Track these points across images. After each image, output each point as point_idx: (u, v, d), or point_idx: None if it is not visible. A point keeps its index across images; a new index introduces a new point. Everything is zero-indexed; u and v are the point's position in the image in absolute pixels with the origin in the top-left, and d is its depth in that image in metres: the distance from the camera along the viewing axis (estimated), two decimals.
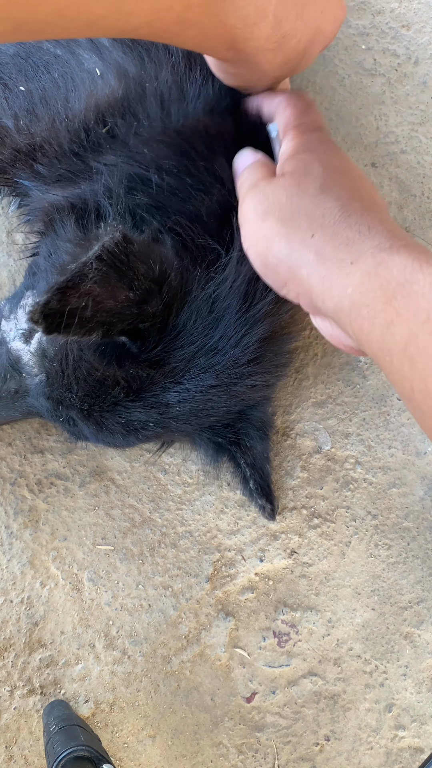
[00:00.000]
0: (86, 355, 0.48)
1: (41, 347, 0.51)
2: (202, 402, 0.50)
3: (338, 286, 0.35)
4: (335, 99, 0.73)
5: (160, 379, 0.48)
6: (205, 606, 0.70)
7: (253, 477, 0.64)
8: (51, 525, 0.69)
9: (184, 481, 0.70)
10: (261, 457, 0.64)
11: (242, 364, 0.49)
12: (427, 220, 0.73)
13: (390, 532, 0.71)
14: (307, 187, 0.38)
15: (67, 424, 0.52)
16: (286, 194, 0.39)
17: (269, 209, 0.39)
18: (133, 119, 0.49)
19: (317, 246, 0.36)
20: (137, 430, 0.51)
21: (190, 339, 0.47)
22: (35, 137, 0.51)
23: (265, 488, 0.65)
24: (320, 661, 0.71)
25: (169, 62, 0.49)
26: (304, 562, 0.70)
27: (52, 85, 0.51)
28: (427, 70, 0.73)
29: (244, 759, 0.70)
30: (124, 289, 0.41)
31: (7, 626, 0.68)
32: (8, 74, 0.52)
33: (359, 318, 0.34)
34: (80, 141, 0.50)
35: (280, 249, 0.38)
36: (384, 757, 0.71)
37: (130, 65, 0.49)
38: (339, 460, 0.71)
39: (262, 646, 0.70)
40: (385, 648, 0.71)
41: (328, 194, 0.38)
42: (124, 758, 0.69)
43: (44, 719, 0.66)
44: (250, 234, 0.40)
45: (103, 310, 0.41)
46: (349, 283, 0.34)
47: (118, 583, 0.69)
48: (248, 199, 0.41)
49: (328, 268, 0.35)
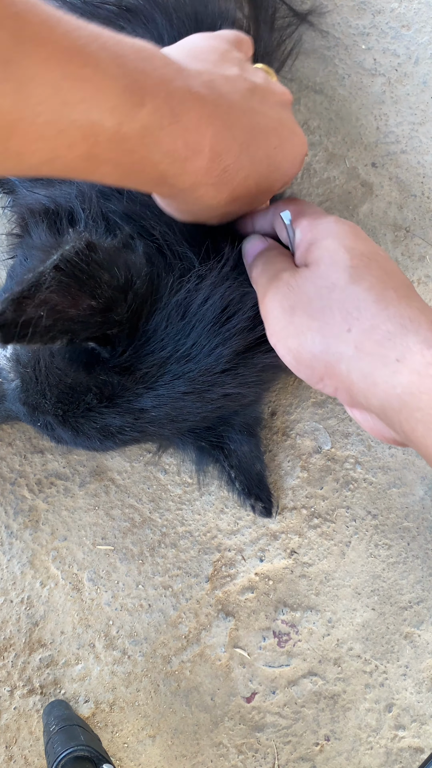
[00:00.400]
0: (57, 362, 0.48)
1: (16, 353, 0.51)
2: (176, 408, 0.50)
3: (384, 384, 0.33)
4: (335, 99, 0.73)
5: (132, 385, 0.47)
6: (205, 606, 0.70)
7: (238, 478, 0.64)
8: (51, 525, 0.69)
9: (184, 481, 0.70)
10: (248, 458, 0.63)
11: (215, 373, 0.48)
12: (427, 220, 0.73)
13: (390, 532, 0.71)
14: (336, 278, 0.36)
15: (45, 429, 0.52)
16: (314, 287, 0.37)
17: (297, 304, 0.37)
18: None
19: (356, 340, 0.34)
20: (114, 434, 0.50)
21: (161, 344, 0.46)
22: None
23: (253, 488, 0.65)
24: (320, 661, 0.71)
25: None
26: (304, 562, 0.71)
27: None
28: (427, 70, 0.73)
29: (244, 759, 0.70)
30: (87, 297, 0.41)
31: (7, 626, 0.68)
32: None
33: (411, 420, 0.32)
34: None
35: (315, 345, 0.36)
36: (384, 757, 0.71)
37: None
38: (339, 460, 0.71)
39: (262, 646, 0.70)
40: (385, 648, 0.71)
41: (360, 284, 0.35)
42: (124, 758, 0.69)
43: (44, 719, 0.66)
44: (277, 330, 0.38)
45: (64, 319, 0.40)
46: (397, 383, 0.32)
47: (118, 583, 0.69)
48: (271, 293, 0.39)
49: (370, 364, 0.33)
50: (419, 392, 0.31)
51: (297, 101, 0.73)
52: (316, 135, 0.73)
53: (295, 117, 0.73)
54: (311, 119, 0.73)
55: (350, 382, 0.35)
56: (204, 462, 0.63)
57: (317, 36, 0.73)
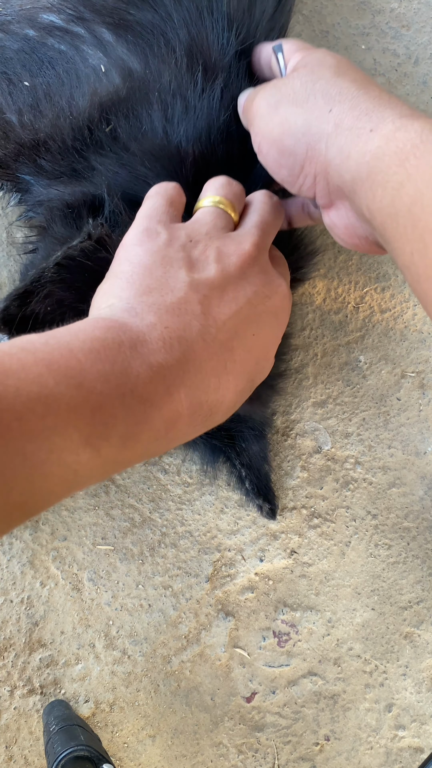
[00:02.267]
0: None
1: None
2: None
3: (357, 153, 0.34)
4: None
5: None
6: (205, 606, 0.70)
7: (248, 477, 0.64)
8: (51, 525, 0.69)
9: (184, 481, 0.70)
10: (258, 458, 0.64)
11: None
12: None
13: (390, 532, 0.71)
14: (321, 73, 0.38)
15: None
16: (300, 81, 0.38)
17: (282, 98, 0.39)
18: (136, 121, 0.49)
19: (336, 118, 0.36)
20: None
21: None
22: (39, 133, 0.52)
23: (261, 488, 0.65)
24: (320, 661, 0.71)
25: (172, 59, 0.49)
26: (304, 562, 0.71)
27: (57, 80, 0.51)
28: (427, 70, 0.73)
29: (244, 759, 0.70)
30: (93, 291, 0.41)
31: (7, 626, 0.68)
32: (12, 69, 0.52)
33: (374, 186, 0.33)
34: (83, 138, 0.50)
35: (297, 127, 0.37)
36: (384, 756, 0.71)
37: (134, 62, 0.49)
38: (339, 460, 0.71)
39: (262, 646, 0.70)
40: (385, 648, 0.71)
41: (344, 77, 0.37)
42: (124, 758, 0.69)
43: (44, 719, 0.66)
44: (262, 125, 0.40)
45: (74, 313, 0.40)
46: (367, 150, 0.33)
47: (118, 583, 0.69)
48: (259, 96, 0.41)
49: (347, 137, 0.35)
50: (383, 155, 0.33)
51: None
52: None
53: None
54: None
55: (327, 161, 0.36)
56: (214, 459, 0.63)
57: (317, 36, 0.73)
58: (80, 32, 0.50)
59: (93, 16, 0.50)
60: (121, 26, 0.49)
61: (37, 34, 0.51)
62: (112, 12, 0.50)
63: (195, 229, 0.38)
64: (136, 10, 0.50)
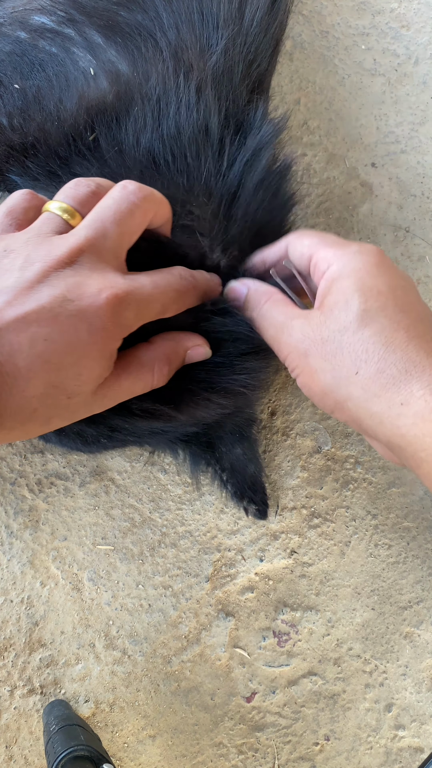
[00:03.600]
0: None
1: None
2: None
3: (390, 425, 0.36)
4: (335, 99, 0.73)
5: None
6: (205, 606, 0.70)
7: (229, 481, 0.64)
8: (51, 525, 0.69)
9: (184, 480, 0.70)
10: (240, 460, 0.63)
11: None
12: (427, 220, 0.73)
13: (390, 531, 0.71)
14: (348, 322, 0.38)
15: None
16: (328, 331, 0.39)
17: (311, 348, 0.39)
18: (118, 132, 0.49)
19: (363, 383, 0.37)
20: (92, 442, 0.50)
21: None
22: (28, 136, 0.52)
23: (245, 491, 0.65)
24: (320, 661, 0.71)
25: (159, 61, 0.49)
26: (304, 562, 0.71)
27: (47, 83, 0.51)
28: (427, 70, 0.74)
29: (244, 759, 0.70)
30: None
31: (7, 626, 0.68)
32: (4, 72, 0.52)
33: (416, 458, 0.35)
34: (68, 145, 0.50)
35: (326, 384, 0.38)
36: (384, 756, 0.71)
37: (123, 64, 0.49)
38: (339, 460, 0.71)
39: (262, 646, 0.70)
40: (384, 648, 0.71)
41: (370, 328, 0.37)
42: (124, 758, 0.69)
43: (44, 719, 0.66)
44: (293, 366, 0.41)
45: None
46: (402, 424, 0.35)
47: (118, 583, 0.69)
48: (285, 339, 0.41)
49: (377, 405, 0.36)
50: (422, 435, 0.34)
51: (297, 101, 0.73)
52: (316, 135, 0.73)
53: (295, 117, 0.73)
54: (311, 119, 0.73)
55: (359, 418, 0.38)
56: (196, 466, 0.63)
57: (317, 36, 0.73)
58: (71, 34, 0.50)
59: (83, 18, 0.50)
60: (110, 28, 0.49)
61: (28, 37, 0.51)
62: (102, 14, 0.50)
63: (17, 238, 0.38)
64: (127, 12, 0.50)
